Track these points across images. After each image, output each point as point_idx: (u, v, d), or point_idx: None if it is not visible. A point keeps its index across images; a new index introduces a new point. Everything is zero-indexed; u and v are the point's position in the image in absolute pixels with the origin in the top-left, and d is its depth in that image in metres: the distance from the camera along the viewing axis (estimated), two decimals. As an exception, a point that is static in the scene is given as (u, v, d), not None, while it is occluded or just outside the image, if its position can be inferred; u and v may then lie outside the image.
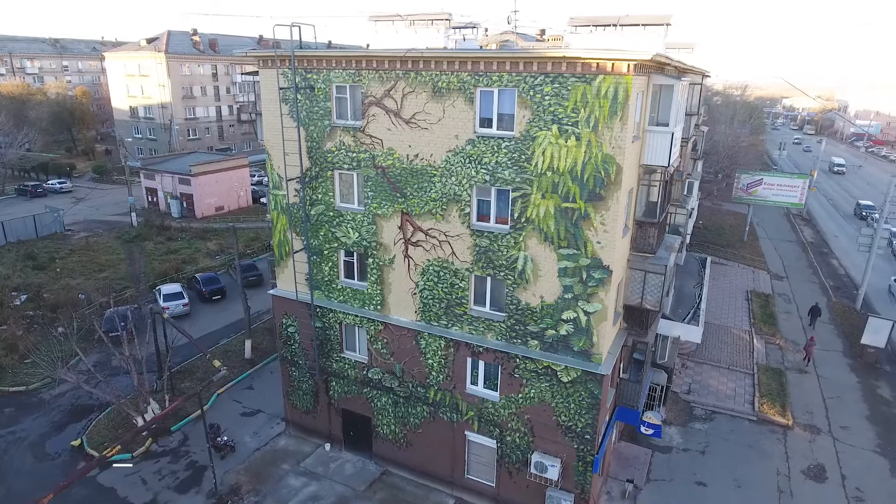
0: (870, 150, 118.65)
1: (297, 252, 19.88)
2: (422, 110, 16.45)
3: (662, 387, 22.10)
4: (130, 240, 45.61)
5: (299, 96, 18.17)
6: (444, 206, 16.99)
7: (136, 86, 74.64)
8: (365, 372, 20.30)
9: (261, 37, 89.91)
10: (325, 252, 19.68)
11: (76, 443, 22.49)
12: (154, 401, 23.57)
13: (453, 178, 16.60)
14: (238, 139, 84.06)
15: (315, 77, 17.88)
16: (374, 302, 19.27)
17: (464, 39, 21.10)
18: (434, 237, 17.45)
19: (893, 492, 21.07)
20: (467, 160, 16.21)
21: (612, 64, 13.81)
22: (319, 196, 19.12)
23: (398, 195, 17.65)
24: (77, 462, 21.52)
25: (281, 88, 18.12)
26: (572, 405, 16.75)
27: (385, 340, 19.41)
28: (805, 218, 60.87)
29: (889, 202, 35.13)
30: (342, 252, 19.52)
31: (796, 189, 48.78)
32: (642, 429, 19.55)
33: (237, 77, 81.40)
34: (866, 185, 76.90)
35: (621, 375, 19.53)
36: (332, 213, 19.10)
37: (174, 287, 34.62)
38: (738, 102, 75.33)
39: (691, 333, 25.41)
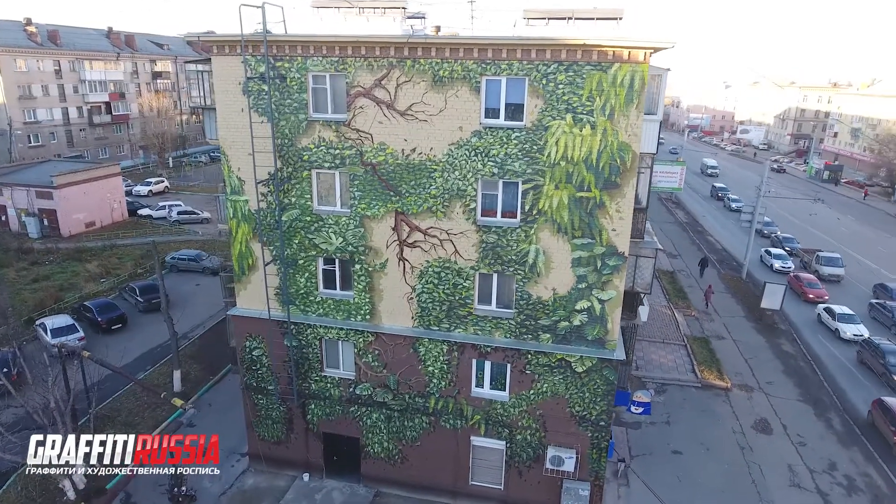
0: (702, 139, 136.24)
1: (267, 264, 17.61)
2: (420, 101, 15.33)
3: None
4: (-18, 268, 37.80)
5: (266, 87, 16.03)
6: (445, 203, 16.03)
7: (-45, 84, 62.10)
8: (352, 389, 18.60)
9: (110, 29, 79.50)
10: (301, 262, 17.67)
11: (-19, 524, 18.00)
12: (80, 456, 19.56)
13: (457, 173, 15.70)
14: (91, 145, 73.56)
15: (287, 65, 15.88)
16: (363, 312, 17.70)
17: (411, 29, 20.16)
18: (434, 236, 16.41)
19: (822, 433, 24.10)
20: (473, 153, 15.42)
21: (629, 52, 13.92)
22: (293, 199, 17.09)
23: (391, 194, 16.31)
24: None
25: (248, 78, 15.86)
26: (587, 394, 16.76)
27: (377, 352, 17.92)
28: (674, 201, 68.17)
29: (764, 181, 40.35)
30: (321, 260, 17.67)
31: (676, 175, 53.79)
32: (632, 408, 20.21)
33: (87, 74, 71.30)
34: (725, 178, 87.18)
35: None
36: (308, 218, 17.18)
37: (63, 319, 29.20)
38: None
39: (640, 313, 26.86)
